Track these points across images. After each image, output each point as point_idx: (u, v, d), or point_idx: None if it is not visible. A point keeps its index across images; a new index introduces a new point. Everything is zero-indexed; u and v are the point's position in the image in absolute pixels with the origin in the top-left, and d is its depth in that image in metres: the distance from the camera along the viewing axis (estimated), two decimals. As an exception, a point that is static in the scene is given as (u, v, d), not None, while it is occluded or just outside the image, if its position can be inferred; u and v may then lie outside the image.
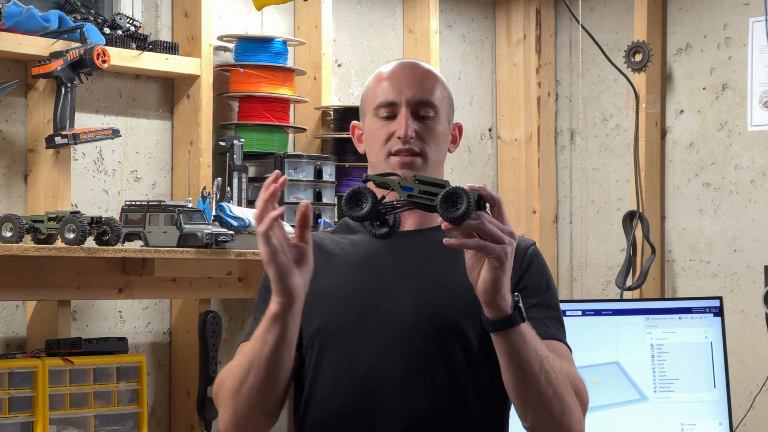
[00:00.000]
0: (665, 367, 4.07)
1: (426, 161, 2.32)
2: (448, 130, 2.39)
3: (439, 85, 2.37)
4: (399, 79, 2.34)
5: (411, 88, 2.33)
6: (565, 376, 2.16)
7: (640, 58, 4.77)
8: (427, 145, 2.32)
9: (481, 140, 5.05)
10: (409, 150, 2.30)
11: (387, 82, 2.35)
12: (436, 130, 2.34)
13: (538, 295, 2.29)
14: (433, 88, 2.35)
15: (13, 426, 3.37)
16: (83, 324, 3.79)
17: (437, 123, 2.35)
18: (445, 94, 2.38)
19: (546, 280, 2.33)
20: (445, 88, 2.39)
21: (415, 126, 2.31)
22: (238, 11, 4.21)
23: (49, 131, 3.58)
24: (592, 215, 5.05)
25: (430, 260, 2.30)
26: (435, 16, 4.69)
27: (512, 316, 2.06)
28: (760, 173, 4.64)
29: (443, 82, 2.40)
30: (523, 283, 2.28)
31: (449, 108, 2.40)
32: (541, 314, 2.27)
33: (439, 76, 2.40)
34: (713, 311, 4.09)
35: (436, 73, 2.40)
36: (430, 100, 2.34)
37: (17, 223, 3.27)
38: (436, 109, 2.34)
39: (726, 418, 4.03)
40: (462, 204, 1.95)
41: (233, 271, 3.86)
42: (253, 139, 4.07)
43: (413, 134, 2.30)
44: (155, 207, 3.53)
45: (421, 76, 2.36)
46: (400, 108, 2.32)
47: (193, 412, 3.93)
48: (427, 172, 2.31)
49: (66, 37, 3.57)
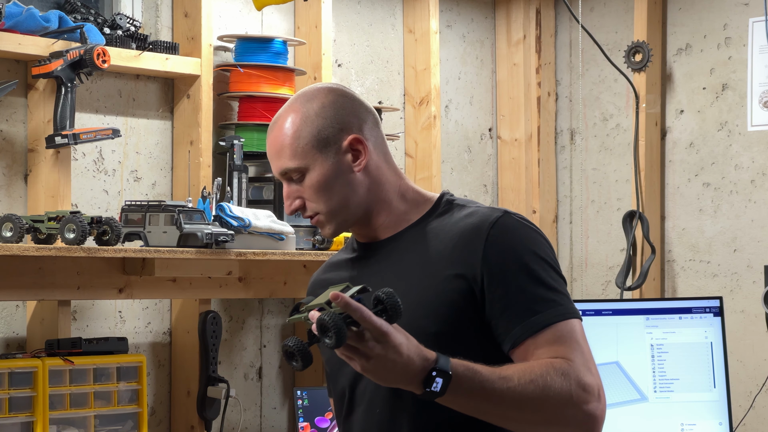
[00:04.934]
0: (665, 367, 4.07)
1: (326, 213, 2.26)
2: (336, 159, 2.24)
3: (295, 134, 2.24)
4: (268, 155, 2.29)
5: (273, 162, 2.27)
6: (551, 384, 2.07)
7: (640, 58, 4.77)
8: (315, 202, 2.25)
9: (481, 140, 5.05)
10: (306, 216, 2.28)
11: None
12: (313, 183, 2.23)
13: (509, 281, 2.15)
14: (287, 149, 2.24)
15: (13, 426, 3.37)
16: (83, 324, 3.79)
17: (311, 176, 2.23)
18: (307, 137, 2.24)
19: (516, 257, 2.17)
20: (306, 128, 2.24)
21: (296, 193, 2.26)
22: (238, 11, 4.21)
23: (49, 131, 3.58)
24: (592, 215, 5.05)
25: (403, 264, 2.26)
26: (435, 16, 4.69)
27: (424, 395, 2.02)
28: (760, 173, 4.64)
29: (304, 118, 2.24)
30: (488, 276, 2.16)
31: (322, 143, 2.23)
32: (523, 300, 2.14)
33: (291, 125, 2.24)
34: (713, 311, 4.09)
35: (289, 122, 2.25)
36: (288, 167, 2.24)
37: (17, 223, 3.27)
38: (300, 168, 2.23)
39: (726, 418, 4.03)
40: (332, 336, 1.94)
41: (233, 271, 3.86)
42: (253, 139, 4.07)
43: (296, 206, 2.26)
44: (155, 207, 3.53)
45: (274, 143, 2.26)
46: (282, 182, 2.30)
47: (193, 412, 3.93)
48: (337, 217, 2.26)
49: (66, 37, 3.57)
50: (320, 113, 2.25)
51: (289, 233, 3.85)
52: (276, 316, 4.30)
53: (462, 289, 2.17)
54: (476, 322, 2.18)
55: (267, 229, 3.78)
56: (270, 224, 3.80)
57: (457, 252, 2.19)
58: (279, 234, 3.82)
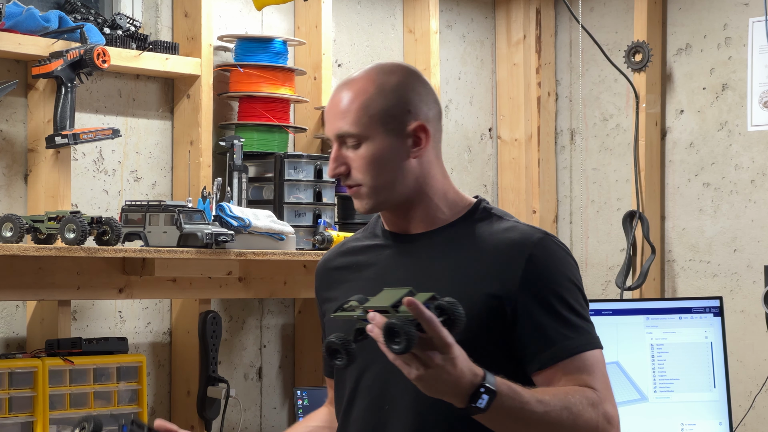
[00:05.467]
0: (665, 367, 4.06)
1: (369, 188, 2.25)
2: (398, 139, 2.24)
3: (366, 101, 2.23)
4: (327, 112, 2.28)
5: (332, 122, 2.25)
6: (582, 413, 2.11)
7: (640, 58, 4.77)
8: (362, 174, 2.24)
9: (481, 140, 5.05)
10: (346, 185, 2.27)
11: (325, 115, 2.31)
12: (366, 155, 2.23)
13: (544, 305, 2.20)
14: (353, 113, 2.23)
15: (13, 426, 3.37)
16: (83, 324, 3.79)
17: (367, 147, 2.23)
18: (380, 106, 2.23)
19: (553, 281, 2.22)
20: (384, 97, 2.24)
21: (343, 159, 2.25)
22: (238, 11, 4.21)
23: (49, 131, 3.58)
24: (592, 215, 5.05)
25: (438, 265, 2.26)
26: (435, 16, 4.69)
27: (466, 410, 2.01)
28: (760, 173, 4.64)
29: (380, 90, 2.24)
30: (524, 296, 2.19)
31: (389, 118, 2.24)
32: (555, 325, 2.19)
33: (370, 89, 2.24)
34: (713, 311, 4.09)
35: (366, 86, 2.25)
36: (347, 131, 2.23)
37: (17, 223, 3.27)
38: (358, 136, 2.23)
39: (726, 418, 4.03)
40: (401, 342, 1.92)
41: (233, 271, 3.86)
42: (253, 139, 4.07)
43: (340, 170, 2.24)
44: (155, 207, 3.53)
45: (341, 104, 2.24)
46: (333, 143, 2.27)
47: (193, 412, 3.93)
48: (377, 196, 2.25)
49: (66, 37, 3.57)
50: (395, 90, 2.25)
51: (289, 233, 3.85)
52: (276, 316, 4.30)
53: (494, 308, 2.19)
54: (501, 338, 2.20)
55: (267, 229, 3.78)
56: (270, 224, 3.80)
57: (495, 267, 2.21)
58: (279, 234, 3.82)
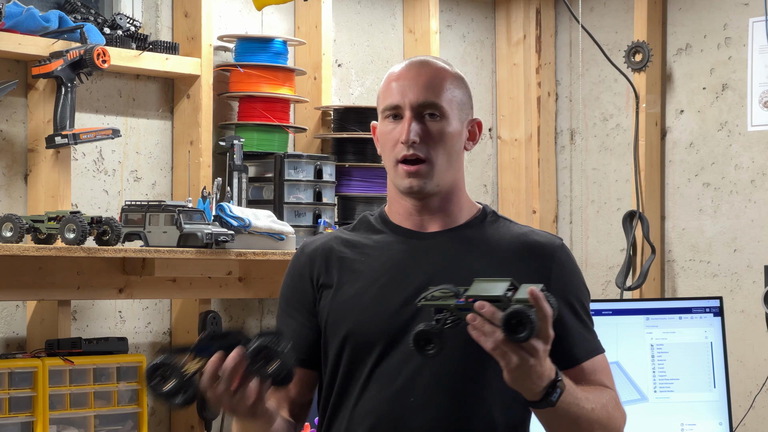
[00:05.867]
0: (665, 367, 4.06)
1: (432, 166, 2.25)
2: (462, 128, 2.30)
3: (449, 83, 2.29)
4: (405, 80, 2.28)
5: (415, 91, 2.26)
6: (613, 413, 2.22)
7: (640, 58, 4.77)
8: (433, 150, 2.25)
9: (481, 140, 5.05)
10: (414, 156, 2.25)
11: (395, 84, 2.29)
12: (444, 132, 2.26)
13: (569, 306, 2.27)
14: (440, 88, 2.27)
15: (13, 426, 3.37)
16: (83, 324, 3.79)
17: (445, 124, 2.27)
18: (457, 92, 2.29)
19: (576, 286, 2.30)
20: (459, 85, 2.31)
21: (419, 130, 2.24)
22: (238, 11, 4.21)
23: (49, 131, 3.58)
24: (592, 215, 5.05)
25: (460, 264, 2.26)
26: (435, 16, 4.69)
27: (539, 402, 2.06)
28: (760, 173, 4.64)
29: (456, 77, 2.31)
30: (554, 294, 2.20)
31: (462, 105, 2.30)
32: (579, 326, 2.28)
33: (450, 73, 2.30)
34: (713, 311, 4.09)
35: (447, 69, 2.31)
36: (434, 102, 2.26)
37: (17, 223, 3.27)
38: (442, 110, 2.26)
39: (726, 418, 4.02)
40: (525, 330, 1.94)
41: (233, 271, 3.86)
42: (253, 139, 4.07)
43: (416, 138, 2.24)
44: (155, 207, 3.53)
45: (428, 76, 2.28)
46: (405, 111, 2.26)
47: (193, 412, 3.93)
48: (435, 177, 2.26)
49: (66, 37, 3.57)
50: (466, 83, 2.35)
51: (289, 233, 3.85)
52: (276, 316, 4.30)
53: None
54: None
55: (267, 229, 3.78)
56: (270, 224, 3.80)
57: (521, 269, 2.23)
58: (279, 234, 3.82)
